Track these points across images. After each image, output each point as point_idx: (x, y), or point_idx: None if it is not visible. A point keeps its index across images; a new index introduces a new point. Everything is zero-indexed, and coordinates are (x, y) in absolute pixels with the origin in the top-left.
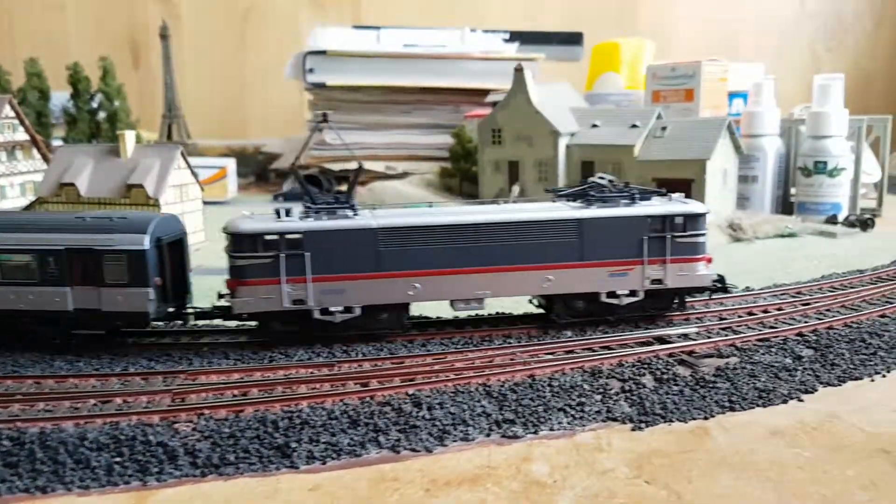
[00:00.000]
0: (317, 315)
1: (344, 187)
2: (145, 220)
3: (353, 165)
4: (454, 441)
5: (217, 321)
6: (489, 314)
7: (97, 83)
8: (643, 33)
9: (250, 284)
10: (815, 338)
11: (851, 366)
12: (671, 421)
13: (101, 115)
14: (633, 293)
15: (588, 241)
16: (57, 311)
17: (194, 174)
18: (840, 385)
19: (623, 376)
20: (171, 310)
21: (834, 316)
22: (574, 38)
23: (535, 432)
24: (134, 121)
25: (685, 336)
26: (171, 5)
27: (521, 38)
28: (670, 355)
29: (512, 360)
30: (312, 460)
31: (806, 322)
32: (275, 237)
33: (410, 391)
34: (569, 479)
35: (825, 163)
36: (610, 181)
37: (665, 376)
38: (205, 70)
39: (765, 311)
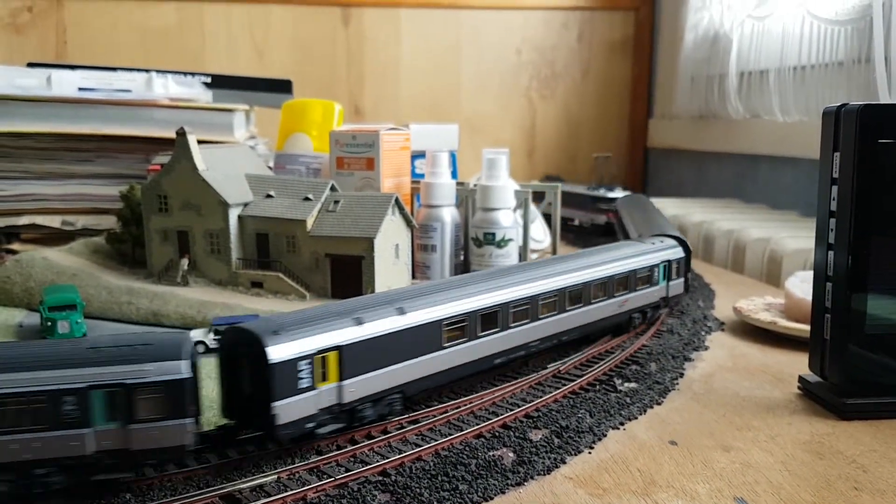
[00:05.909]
0: None
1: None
2: None
3: (24, 221)
4: None
5: None
6: None
7: None
8: (371, 86)
9: None
10: (396, 477)
11: None
12: None
13: None
14: None
15: None
16: None
17: None
18: None
19: None
20: None
21: (428, 441)
22: (282, 86)
23: None
24: None
25: (261, 489)
26: None
27: (223, 83)
28: None
29: None
30: None
31: (391, 454)
32: None
33: None
34: None
35: (493, 234)
36: None
37: None
38: None
39: (366, 437)
